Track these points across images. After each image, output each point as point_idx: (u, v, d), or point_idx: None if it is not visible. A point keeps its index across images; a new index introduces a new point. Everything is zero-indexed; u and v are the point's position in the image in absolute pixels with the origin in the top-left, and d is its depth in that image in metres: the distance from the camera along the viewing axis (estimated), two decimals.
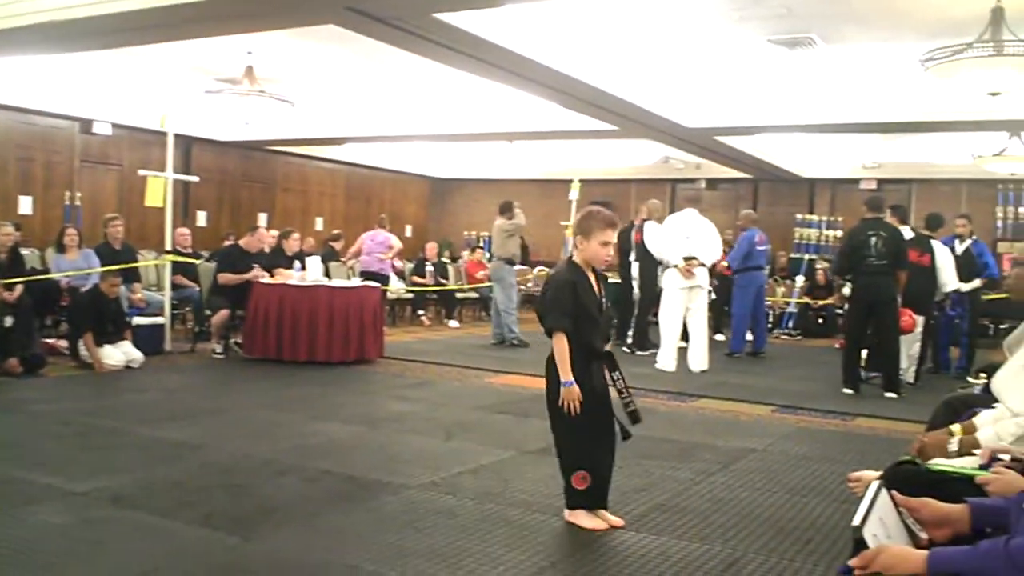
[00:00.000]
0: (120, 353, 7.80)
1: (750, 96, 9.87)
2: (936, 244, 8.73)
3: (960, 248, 9.16)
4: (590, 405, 3.71)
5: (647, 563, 3.40)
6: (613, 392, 3.84)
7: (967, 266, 8.99)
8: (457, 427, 5.87)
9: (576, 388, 3.66)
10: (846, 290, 9.03)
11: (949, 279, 8.73)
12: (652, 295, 10.16)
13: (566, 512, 3.81)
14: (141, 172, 9.39)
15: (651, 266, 10.19)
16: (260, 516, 3.80)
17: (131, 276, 9.22)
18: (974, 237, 9.23)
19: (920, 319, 8.40)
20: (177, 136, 9.73)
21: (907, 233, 8.46)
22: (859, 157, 14.83)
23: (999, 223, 14.76)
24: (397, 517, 3.85)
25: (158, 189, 9.09)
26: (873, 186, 15.67)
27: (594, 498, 3.79)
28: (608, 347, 3.94)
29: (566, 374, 3.67)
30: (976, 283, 9.27)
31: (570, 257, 3.91)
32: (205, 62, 9.40)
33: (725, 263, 10.90)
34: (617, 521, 3.84)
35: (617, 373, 3.82)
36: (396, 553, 3.39)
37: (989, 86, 6.61)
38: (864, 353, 8.36)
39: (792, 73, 8.55)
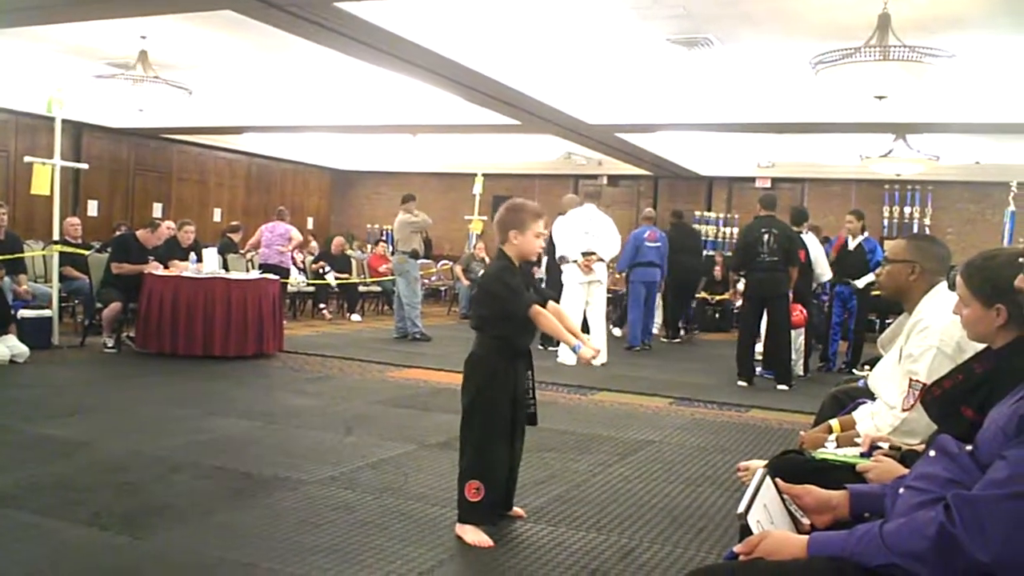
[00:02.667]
0: (4, 347, 7.47)
1: (650, 94, 10.02)
2: (808, 238, 9.04)
3: (852, 244, 9.49)
4: (510, 408, 3.63)
5: (545, 554, 3.43)
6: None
7: (857, 263, 9.29)
8: (357, 421, 5.81)
9: (587, 348, 3.56)
10: (740, 286, 9.29)
11: (824, 271, 9.10)
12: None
13: (457, 525, 3.62)
14: (27, 159, 9.01)
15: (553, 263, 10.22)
16: (151, 515, 3.69)
17: (16, 267, 8.85)
18: (865, 234, 9.54)
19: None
20: (66, 122, 9.38)
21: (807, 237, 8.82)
22: (754, 156, 15.23)
23: (885, 222, 15.36)
24: (294, 513, 3.80)
25: (45, 177, 8.73)
26: (768, 185, 16.13)
27: (483, 514, 3.61)
28: None
29: (568, 339, 3.59)
30: (870, 278, 9.62)
31: (500, 252, 3.74)
32: (96, 45, 9.06)
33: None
34: (519, 512, 3.87)
35: (530, 372, 3.76)
36: (293, 550, 3.34)
37: (876, 89, 6.85)
38: (759, 349, 8.63)
39: (690, 73, 8.72)
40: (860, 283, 9.25)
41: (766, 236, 8.21)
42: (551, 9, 7.07)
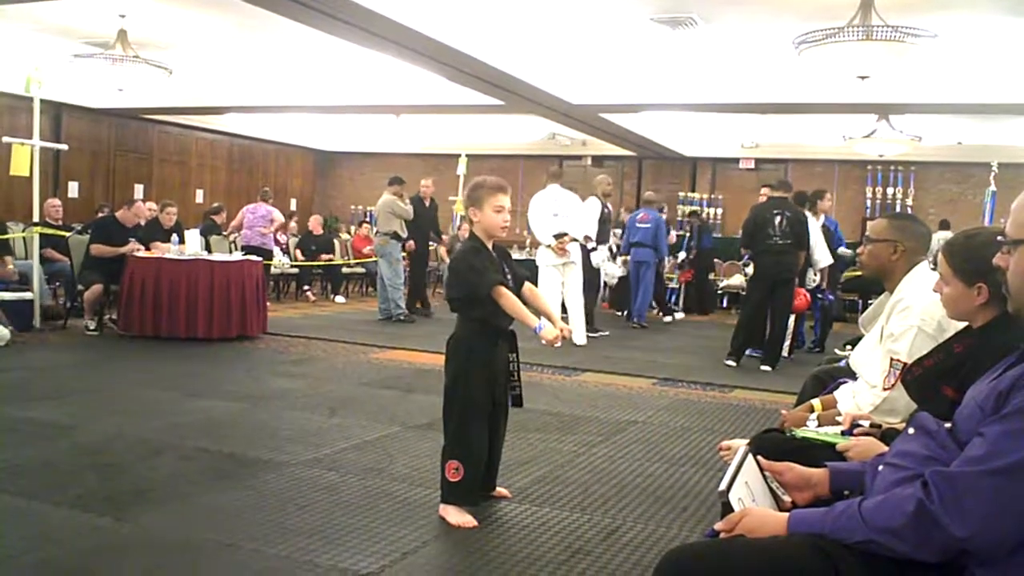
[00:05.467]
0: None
1: (634, 74, 10.00)
2: (810, 222, 9.02)
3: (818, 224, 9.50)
4: (490, 389, 3.59)
5: (528, 534, 3.45)
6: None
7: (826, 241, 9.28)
8: (341, 403, 5.81)
9: (549, 327, 3.47)
10: (749, 269, 9.24)
11: (823, 255, 9.04)
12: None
13: (440, 506, 3.62)
14: (6, 139, 8.91)
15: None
16: (133, 496, 3.68)
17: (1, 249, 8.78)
18: (823, 216, 9.50)
19: None
20: (45, 102, 9.27)
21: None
22: (738, 137, 15.26)
23: (868, 202, 15.43)
24: (278, 494, 3.80)
25: (24, 157, 8.64)
26: (751, 165, 16.19)
27: (465, 494, 3.58)
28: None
29: (530, 320, 3.47)
30: (844, 251, 9.68)
31: (470, 233, 3.71)
32: (75, 24, 8.97)
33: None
34: (504, 492, 3.88)
35: (514, 355, 3.71)
36: (277, 530, 3.34)
37: (859, 69, 6.86)
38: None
39: (674, 52, 8.70)
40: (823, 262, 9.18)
41: (778, 219, 8.14)
42: None
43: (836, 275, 9.52)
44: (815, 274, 9.11)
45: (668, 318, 12.27)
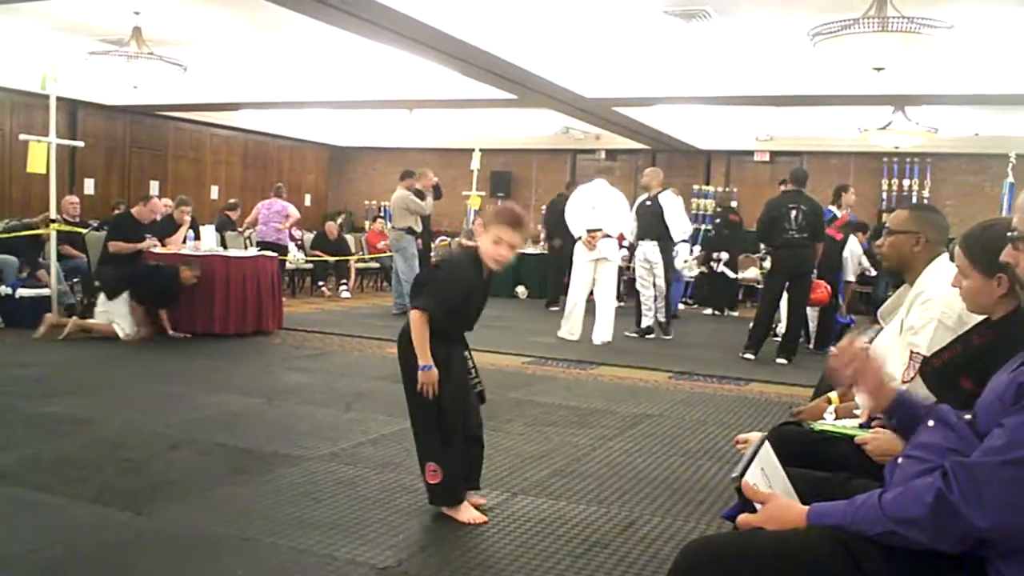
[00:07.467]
0: None
1: (648, 67, 9.97)
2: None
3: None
4: (451, 390, 3.47)
5: (545, 527, 3.45)
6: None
7: None
8: (357, 398, 5.83)
9: (435, 372, 3.38)
10: (767, 263, 9.19)
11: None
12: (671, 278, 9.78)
13: (443, 508, 3.54)
14: (23, 137, 8.96)
15: (668, 245, 9.64)
16: (153, 491, 3.71)
17: None
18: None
19: None
20: (61, 99, 9.31)
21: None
22: (753, 129, 15.17)
23: (884, 195, 15.34)
24: (296, 489, 3.81)
25: (41, 155, 8.69)
26: (766, 158, 16.10)
27: (448, 494, 3.50)
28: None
29: (425, 357, 3.38)
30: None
31: (477, 248, 3.53)
32: (90, 22, 9.01)
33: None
34: (479, 500, 3.68)
35: (468, 353, 3.63)
36: (295, 525, 3.36)
37: (874, 61, 6.82)
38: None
39: (688, 45, 8.67)
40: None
41: (794, 212, 8.09)
42: None
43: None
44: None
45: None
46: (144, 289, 8.09)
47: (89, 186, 14.46)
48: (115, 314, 7.91)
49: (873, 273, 10.90)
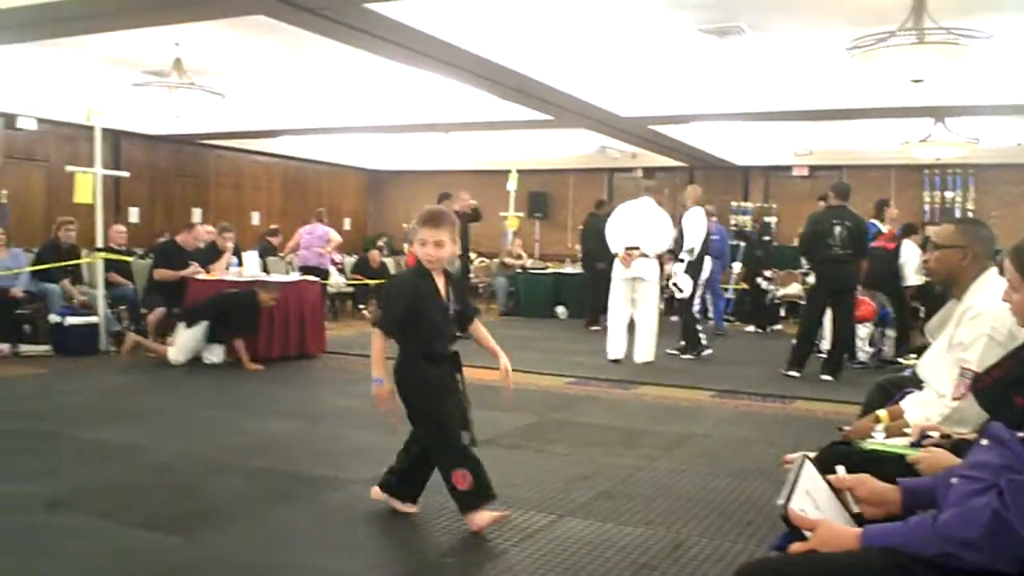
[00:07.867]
0: None
1: (683, 85, 9.96)
2: (906, 246, 8.97)
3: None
4: (450, 401, 3.64)
5: (593, 549, 3.44)
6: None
7: None
8: (399, 421, 5.83)
9: (386, 386, 3.57)
10: (810, 279, 9.09)
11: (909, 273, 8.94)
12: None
13: (468, 519, 3.57)
14: (69, 168, 9.16)
15: (697, 260, 9.47)
16: (201, 516, 3.75)
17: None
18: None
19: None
20: (105, 130, 9.51)
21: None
22: (791, 144, 15.08)
23: (926, 207, 15.15)
24: (342, 512, 3.84)
25: (87, 185, 8.89)
26: (805, 173, 15.99)
27: (481, 495, 3.55)
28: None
29: (378, 371, 3.59)
30: None
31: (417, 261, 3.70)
32: (131, 54, 9.18)
33: None
34: (414, 509, 3.80)
35: (459, 375, 3.74)
36: (343, 548, 3.38)
37: (912, 73, 6.75)
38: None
39: (723, 62, 8.65)
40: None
41: (837, 228, 7.96)
42: (581, 2, 7.06)
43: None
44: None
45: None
46: (228, 317, 8.08)
47: (134, 215, 14.72)
48: (191, 341, 8.03)
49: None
